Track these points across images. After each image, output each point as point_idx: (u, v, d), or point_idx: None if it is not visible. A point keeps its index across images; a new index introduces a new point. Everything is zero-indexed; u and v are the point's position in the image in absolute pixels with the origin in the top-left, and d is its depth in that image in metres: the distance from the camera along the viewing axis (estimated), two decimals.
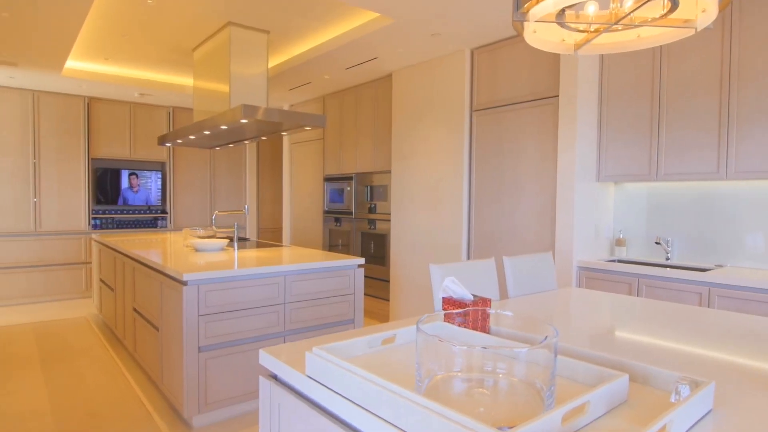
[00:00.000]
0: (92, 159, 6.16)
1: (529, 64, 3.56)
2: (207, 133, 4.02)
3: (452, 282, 1.26)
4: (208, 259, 3.10)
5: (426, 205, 4.36)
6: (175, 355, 2.71)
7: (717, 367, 1.20)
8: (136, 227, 6.47)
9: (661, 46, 3.03)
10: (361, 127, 5.33)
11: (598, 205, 3.40)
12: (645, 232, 3.34)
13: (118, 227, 6.35)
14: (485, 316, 1.27)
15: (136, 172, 6.44)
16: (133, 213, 6.45)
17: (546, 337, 0.81)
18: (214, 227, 3.74)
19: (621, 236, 3.40)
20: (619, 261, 3.31)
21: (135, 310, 3.45)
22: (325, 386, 1.03)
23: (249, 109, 3.30)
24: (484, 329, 1.28)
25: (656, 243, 3.19)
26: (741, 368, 1.19)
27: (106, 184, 6.23)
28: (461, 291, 1.27)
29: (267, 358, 1.25)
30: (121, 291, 3.84)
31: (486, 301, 1.29)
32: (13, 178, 5.60)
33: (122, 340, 3.89)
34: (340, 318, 3.13)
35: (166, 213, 6.69)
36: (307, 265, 2.96)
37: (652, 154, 3.06)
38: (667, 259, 3.17)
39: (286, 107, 6.66)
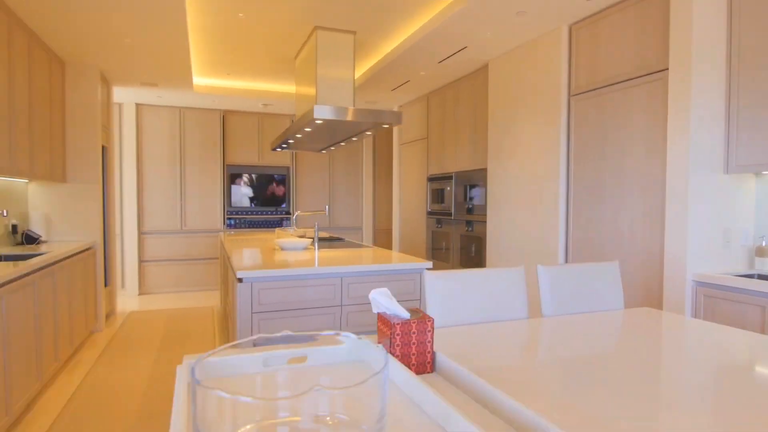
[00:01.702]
0: (227, 165, 6.88)
1: (634, 33, 2.95)
2: (299, 136, 4.16)
3: (381, 294, 1.02)
4: (284, 257, 3.17)
5: (522, 204, 3.92)
6: None
7: None
8: (264, 227, 7.05)
9: None
10: (460, 123, 5.04)
11: (729, 204, 2.65)
12: None
13: (250, 227, 6.98)
14: (423, 340, 1.00)
15: (264, 176, 7.02)
16: (262, 214, 7.04)
17: (366, 379, 0.57)
18: (294, 227, 3.84)
19: (764, 244, 2.61)
20: (760, 276, 2.54)
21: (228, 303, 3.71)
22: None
23: (321, 110, 3.31)
24: (424, 358, 1.02)
25: None
26: None
27: (238, 188, 6.91)
28: (394, 306, 1.02)
29: (185, 364, 1.16)
30: (224, 285, 4.17)
31: (425, 321, 1.02)
32: (165, 184, 6.52)
33: (228, 331, 4.22)
34: None
35: (290, 214, 7.17)
36: (366, 267, 2.84)
37: None
38: None
39: (395, 108, 6.64)
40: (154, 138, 6.46)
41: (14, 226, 4.04)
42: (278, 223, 7.15)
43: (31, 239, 4.14)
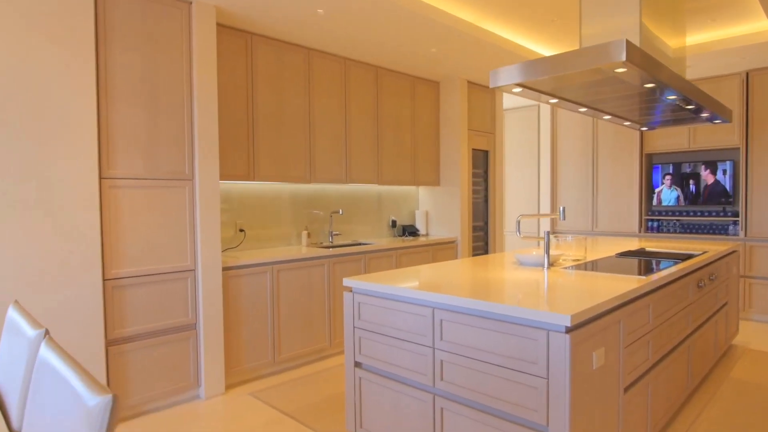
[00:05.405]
0: (646, 154, 5.56)
1: None
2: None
3: None
4: (508, 276, 2.58)
5: None
6: None
7: None
8: (703, 232, 5.23)
9: None
10: None
11: None
12: None
13: (683, 231, 5.38)
14: None
15: (700, 164, 5.18)
16: (698, 215, 5.24)
17: None
18: (518, 234, 2.78)
19: None
20: None
21: None
22: None
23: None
24: None
25: None
26: None
27: (663, 182, 5.44)
28: None
29: None
30: None
31: None
32: (578, 180, 6.04)
33: None
34: (523, 413, 1.75)
35: (738, 216, 4.95)
36: (462, 301, 1.91)
37: None
38: None
39: None
40: (567, 132, 6.13)
41: (393, 221, 5.12)
42: (722, 229, 5.09)
43: (413, 233, 5.11)
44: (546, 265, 2.66)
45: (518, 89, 2.47)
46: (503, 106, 6.35)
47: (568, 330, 1.65)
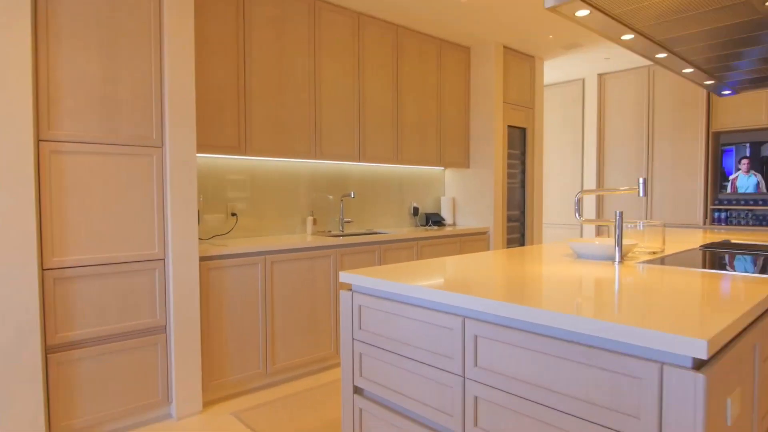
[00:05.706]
0: (713, 133, 4.72)
1: None
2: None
3: None
4: (552, 270, 1.91)
5: None
6: None
7: None
8: None
9: None
10: None
11: None
12: None
13: (757, 224, 4.54)
14: None
15: None
16: None
17: None
18: (577, 216, 2.08)
19: None
20: None
21: None
22: None
23: None
24: None
25: None
26: None
27: (739, 166, 4.61)
28: None
29: None
30: None
31: None
32: (628, 162, 5.25)
33: None
34: None
35: None
36: (508, 309, 1.24)
37: None
38: None
39: None
40: (617, 109, 5.33)
41: (415, 209, 4.45)
42: None
43: (438, 222, 4.44)
44: (618, 259, 1.95)
45: (584, 11, 1.77)
46: (544, 80, 5.59)
47: (700, 364, 0.96)
